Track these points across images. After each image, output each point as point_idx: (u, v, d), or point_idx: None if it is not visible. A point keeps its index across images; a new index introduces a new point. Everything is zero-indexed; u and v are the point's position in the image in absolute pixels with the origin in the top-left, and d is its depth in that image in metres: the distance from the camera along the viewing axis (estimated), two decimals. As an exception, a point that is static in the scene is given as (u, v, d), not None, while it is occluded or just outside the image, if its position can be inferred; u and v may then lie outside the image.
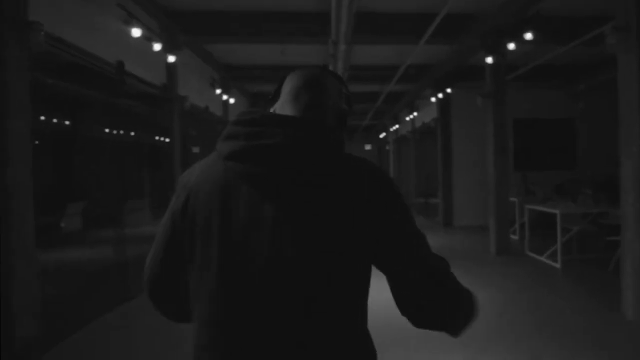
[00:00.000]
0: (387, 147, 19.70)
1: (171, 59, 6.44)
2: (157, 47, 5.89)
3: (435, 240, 8.76)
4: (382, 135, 20.81)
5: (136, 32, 5.41)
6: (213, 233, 0.89)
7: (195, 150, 10.65)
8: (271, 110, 1.03)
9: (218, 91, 8.82)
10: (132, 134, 9.76)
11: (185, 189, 0.96)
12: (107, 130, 10.45)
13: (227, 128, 0.94)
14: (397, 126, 16.31)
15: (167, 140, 7.10)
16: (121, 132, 11.06)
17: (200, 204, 0.92)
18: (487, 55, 6.72)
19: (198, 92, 8.48)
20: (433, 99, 10.41)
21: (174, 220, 0.96)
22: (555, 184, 8.80)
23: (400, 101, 13.40)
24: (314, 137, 0.88)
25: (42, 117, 9.72)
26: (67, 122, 9.99)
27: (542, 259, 6.69)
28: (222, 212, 0.89)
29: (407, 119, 13.68)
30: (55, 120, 10.14)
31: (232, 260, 0.87)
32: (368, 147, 23.73)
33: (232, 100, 9.95)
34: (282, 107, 0.99)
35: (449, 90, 9.78)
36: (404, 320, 0.98)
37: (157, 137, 10.75)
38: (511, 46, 6.20)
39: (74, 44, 4.51)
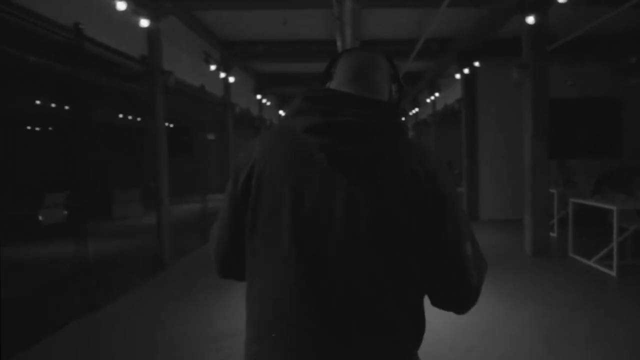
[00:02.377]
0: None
1: (144, 23, 5.49)
2: (121, 4, 4.90)
3: None
4: (408, 130, 19.67)
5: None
6: (285, 207, 0.90)
7: (211, 137, 9.81)
8: None
9: (213, 67, 7.88)
10: (121, 116, 8.96)
11: (245, 168, 0.96)
12: (95, 112, 9.61)
13: (299, 103, 0.95)
14: (416, 110, 15.46)
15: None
16: (121, 115, 10.29)
17: (268, 179, 0.92)
18: (527, 15, 5.58)
19: (191, 69, 7.57)
20: (457, 76, 9.35)
21: (236, 207, 0.97)
22: (600, 173, 7.60)
23: (420, 81, 12.38)
24: (391, 118, 0.94)
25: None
26: (37, 102, 9.19)
27: (592, 263, 5.60)
28: (294, 186, 0.90)
29: (428, 100, 12.70)
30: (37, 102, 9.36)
31: (304, 236, 0.89)
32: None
33: (231, 79, 8.98)
34: (340, 86, 1.00)
35: (476, 63, 8.61)
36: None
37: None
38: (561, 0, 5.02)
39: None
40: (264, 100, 12.52)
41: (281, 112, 15.59)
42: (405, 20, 7.64)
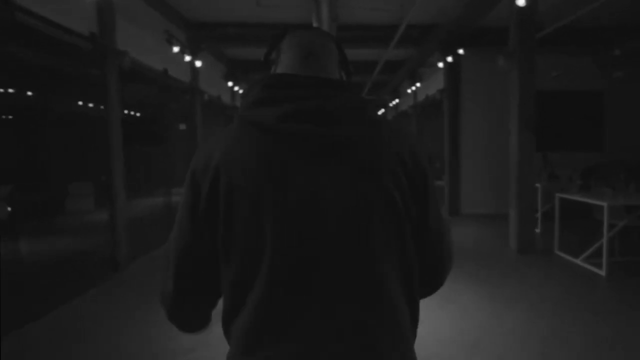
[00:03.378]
0: None
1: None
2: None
3: None
4: (380, 112, 19.58)
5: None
6: (265, 207, 0.84)
7: (182, 127, 9.27)
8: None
9: (176, 49, 7.32)
10: (80, 103, 8.33)
11: (206, 173, 0.87)
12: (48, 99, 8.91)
13: (259, 91, 0.89)
14: (397, 101, 15.21)
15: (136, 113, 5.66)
16: (81, 103, 9.60)
17: (238, 182, 0.85)
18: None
19: (153, 51, 7.00)
20: (440, 64, 9.00)
21: (195, 218, 0.89)
22: (585, 167, 7.36)
23: (401, 70, 12.03)
24: (362, 99, 0.91)
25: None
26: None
27: (579, 261, 5.32)
28: (275, 185, 0.84)
29: (409, 91, 12.45)
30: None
31: (293, 240, 0.84)
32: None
33: (198, 63, 8.42)
34: (289, 71, 0.94)
35: (460, 51, 8.27)
36: None
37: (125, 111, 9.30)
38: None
39: None
40: (236, 88, 11.95)
41: None
42: (386, 4, 7.22)
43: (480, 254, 5.96)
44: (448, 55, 8.48)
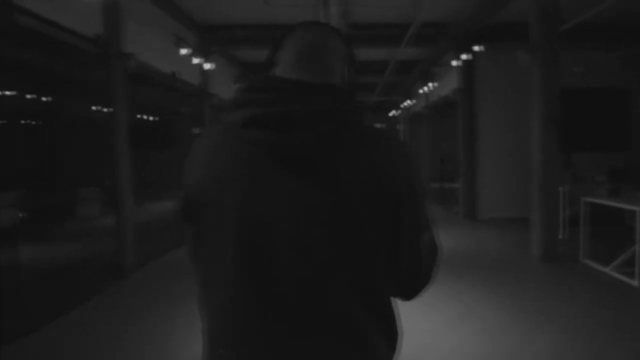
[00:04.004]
0: (398, 127, 18.17)
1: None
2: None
3: (456, 238, 7.18)
4: (392, 113, 19.43)
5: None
6: (228, 215, 0.84)
7: (196, 131, 9.23)
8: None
9: (184, 51, 7.17)
10: (94, 108, 8.21)
11: (189, 173, 0.91)
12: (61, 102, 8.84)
13: (238, 95, 0.89)
14: (409, 102, 14.96)
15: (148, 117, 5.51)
16: (95, 107, 9.52)
17: (208, 185, 0.87)
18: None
19: (162, 54, 6.86)
20: (454, 63, 8.73)
21: (184, 224, 0.94)
22: (611, 168, 7.01)
23: (414, 70, 11.82)
24: (341, 103, 0.86)
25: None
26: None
27: (608, 271, 5.01)
28: (235, 189, 0.84)
29: (421, 91, 12.13)
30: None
31: (251, 245, 0.83)
32: (377, 126, 22.02)
33: (207, 66, 8.29)
34: (287, 71, 0.91)
35: (476, 48, 7.99)
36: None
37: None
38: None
39: None
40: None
41: None
42: (398, 1, 6.98)
43: (501, 262, 5.70)
44: (463, 53, 8.22)
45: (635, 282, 4.56)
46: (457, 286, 4.65)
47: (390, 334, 0.90)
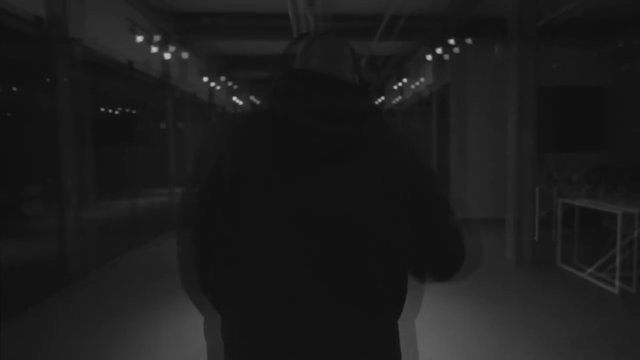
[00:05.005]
0: None
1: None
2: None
3: None
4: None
5: None
6: (271, 194, 0.89)
7: (164, 126, 8.82)
8: None
9: (140, 38, 6.67)
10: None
11: (218, 157, 0.93)
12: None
13: (278, 84, 0.95)
14: (382, 98, 14.70)
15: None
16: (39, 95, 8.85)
17: (249, 172, 0.90)
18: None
19: (118, 41, 6.35)
20: (429, 57, 8.52)
21: (210, 205, 0.95)
22: (588, 168, 6.88)
23: (387, 66, 11.55)
24: (374, 104, 1.03)
25: None
26: None
27: (586, 276, 4.81)
28: (283, 176, 0.89)
29: (395, 87, 11.97)
30: None
31: (301, 234, 0.88)
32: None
33: (167, 56, 7.78)
34: (318, 67, 0.99)
35: (451, 41, 7.78)
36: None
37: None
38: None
39: None
40: (212, 84, 11.30)
41: (235, 99, 14.45)
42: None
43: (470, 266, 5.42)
44: (437, 48, 7.98)
45: (614, 290, 4.36)
46: (428, 293, 4.37)
47: (400, 297, 1.00)
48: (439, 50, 7.96)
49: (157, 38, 7.44)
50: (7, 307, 3.95)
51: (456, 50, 7.95)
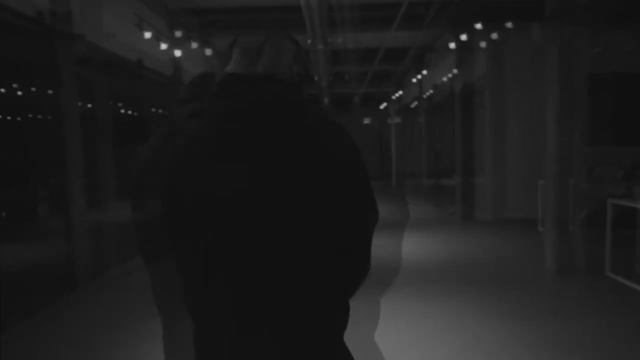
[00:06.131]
0: (389, 120, 17.77)
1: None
2: None
3: (451, 245, 6.59)
4: (383, 106, 18.90)
5: None
6: (182, 201, 0.91)
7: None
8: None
9: (148, 35, 6.42)
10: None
11: (137, 181, 1.04)
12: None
13: (185, 90, 1.08)
14: (400, 92, 14.64)
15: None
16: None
17: (164, 177, 0.94)
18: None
19: (125, 38, 6.11)
20: (452, 45, 8.10)
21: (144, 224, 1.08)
22: (633, 164, 6.29)
23: (405, 58, 11.22)
24: (284, 93, 0.96)
25: None
26: None
27: None
28: (186, 176, 0.92)
29: (414, 80, 11.67)
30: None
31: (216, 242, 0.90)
32: (367, 120, 21.56)
33: (178, 53, 7.55)
34: (234, 68, 1.02)
35: (478, 26, 7.32)
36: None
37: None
38: None
39: None
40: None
41: None
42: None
43: (508, 276, 4.98)
44: (461, 34, 7.58)
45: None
46: (457, 308, 4.01)
47: (344, 310, 0.97)
48: (463, 37, 7.52)
49: (178, 34, 7.20)
50: (12, 312, 3.82)
51: (485, 36, 7.57)
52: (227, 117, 0.90)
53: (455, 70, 8.49)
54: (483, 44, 7.60)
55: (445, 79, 9.23)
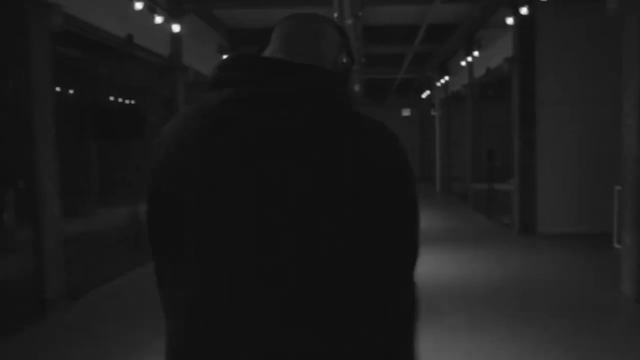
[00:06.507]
0: (433, 112, 17.77)
1: None
2: None
3: (507, 263, 6.56)
4: (425, 95, 19.06)
5: None
6: (200, 201, 0.95)
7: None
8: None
9: (139, 5, 6.44)
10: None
11: (157, 162, 1.02)
12: None
13: (213, 73, 1.03)
14: (446, 78, 14.59)
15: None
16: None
17: (181, 168, 0.97)
18: None
19: (110, 9, 6.18)
20: (509, 21, 7.99)
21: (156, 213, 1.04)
22: None
23: (452, 36, 11.26)
24: (323, 83, 0.98)
25: None
26: None
27: None
28: (207, 170, 0.95)
29: (463, 63, 11.63)
30: None
31: (211, 242, 0.93)
32: (406, 112, 21.55)
33: (176, 28, 7.64)
34: (273, 54, 1.05)
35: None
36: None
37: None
38: None
39: None
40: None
41: None
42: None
43: (577, 302, 4.85)
44: (521, 6, 7.46)
45: None
46: (514, 343, 3.85)
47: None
48: (523, 11, 7.40)
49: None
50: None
51: (545, 9, 7.57)
52: (260, 106, 0.94)
53: (508, 51, 8.46)
54: (523, 12, 7.61)
55: (501, 61, 9.13)
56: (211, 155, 0.93)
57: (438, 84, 15.66)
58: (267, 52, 1.06)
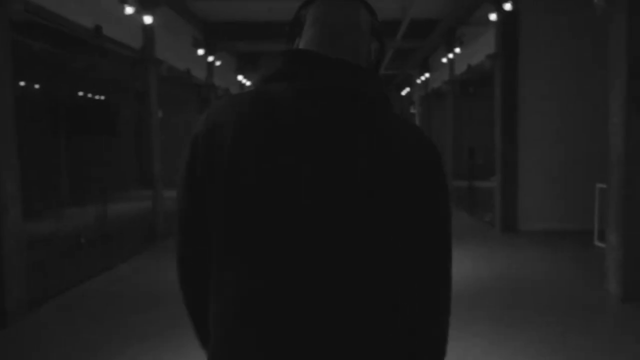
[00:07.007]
0: (413, 109, 17.88)
1: None
2: None
3: (489, 261, 6.60)
4: (405, 92, 19.35)
5: None
6: (250, 180, 0.98)
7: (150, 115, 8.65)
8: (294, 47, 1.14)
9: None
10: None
11: (204, 137, 1.03)
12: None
13: (278, 65, 1.05)
14: (427, 75, 14.69)
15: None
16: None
17: (243, 157, 0.99)
18: None
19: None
20: (493, 17, 7.97)
21: (191, 184, 1.06)
22: None
23: (433, 32, 11.38)
24: (376, 87, 1.04)
25: None
26: None
27: None
28: (257, 159, 0.98)
29: (444, 60, 11.72)
30: None
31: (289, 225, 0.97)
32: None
33: (148, 20, 7.37)
34: (313, 47, 1.08)
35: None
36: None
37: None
38: None
39: None
40: (211, 59, 10.98)
41: (240, 78, 14.19)
42: None
43: (562, 302, 4.86)
44: (505, 2, 7.49)
45: None
46: (501, 345, 3.82)
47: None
48: (507, 7, 7.43)
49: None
50: None
51: (528, 4, 7.56)
52: (301, 102, 0.98)
53: (491, 48, 8.48)
54: (507, 7, 7.62)
55: (483, 58, 9.18)
56: (268, 142, 0.97)
57: (418, 81, 15.79)
58: (304, 43, 1.08)
